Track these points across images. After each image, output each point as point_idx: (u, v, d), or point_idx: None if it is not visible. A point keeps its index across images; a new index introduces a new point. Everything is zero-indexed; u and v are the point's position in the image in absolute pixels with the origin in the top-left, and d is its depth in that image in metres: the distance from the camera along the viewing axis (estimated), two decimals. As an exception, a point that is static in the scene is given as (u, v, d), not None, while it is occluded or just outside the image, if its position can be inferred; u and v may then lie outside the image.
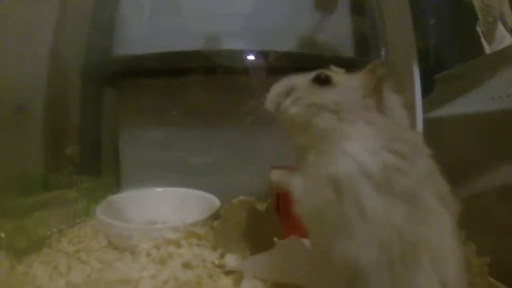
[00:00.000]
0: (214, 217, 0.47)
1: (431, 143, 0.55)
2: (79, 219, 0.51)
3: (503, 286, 0.38)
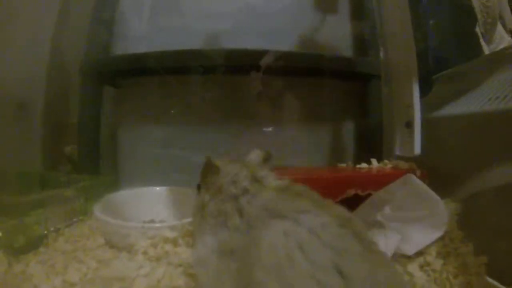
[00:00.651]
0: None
1: (430, 143, 0.55)
2: (77, 218, 0.51)
3: (500, 285, 0.38)
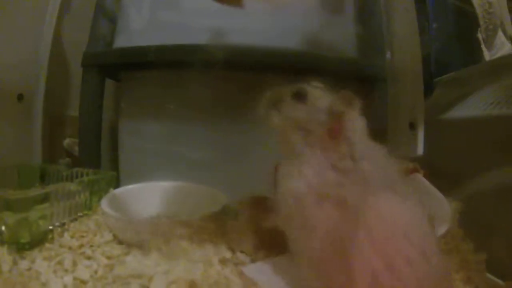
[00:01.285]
0: (223, 212, 0.47)
1: (430, 144, 0.56)
2: (81, 212, 0.50)
3: (499, 281, 0.39)
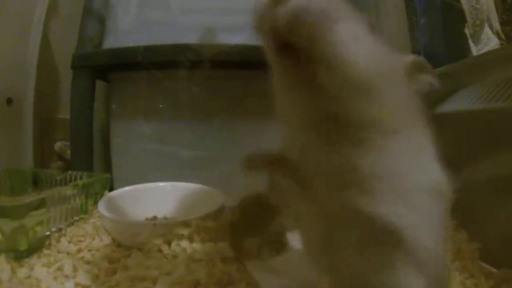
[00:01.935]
0: (222, 211, 0.47)
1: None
2: (78, 216, 0.49)
3: (492, 268, 0.40)
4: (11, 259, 0.38)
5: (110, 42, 0.66)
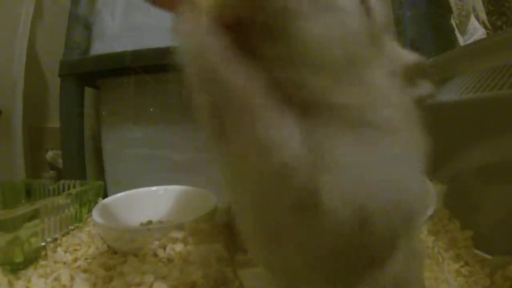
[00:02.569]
0: (214, 213, 0.47)
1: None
2: (72, 225, 0.49)
3: (486, 256, 0.41)
4: (7, 272, 0.38)
5: (97, 48, 0.65)
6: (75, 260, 0.42)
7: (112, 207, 0.51)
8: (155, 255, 0.40)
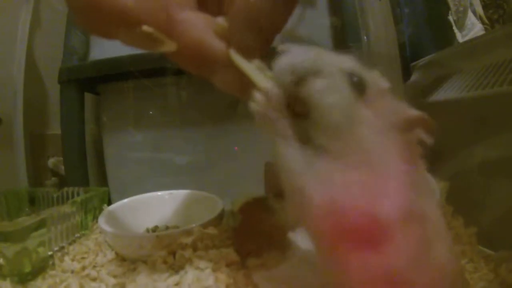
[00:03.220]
0: (222, 217, 0.47)
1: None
2: (79, 233, 0.49)
3: (490, 251, 0.41)
4: (16, 283, 0.38)
5: (96, 53, 0.65)
6: (83, 268, 0.42)
7: (118, 214, 0.50)
8: (165, 262, 0.40)
